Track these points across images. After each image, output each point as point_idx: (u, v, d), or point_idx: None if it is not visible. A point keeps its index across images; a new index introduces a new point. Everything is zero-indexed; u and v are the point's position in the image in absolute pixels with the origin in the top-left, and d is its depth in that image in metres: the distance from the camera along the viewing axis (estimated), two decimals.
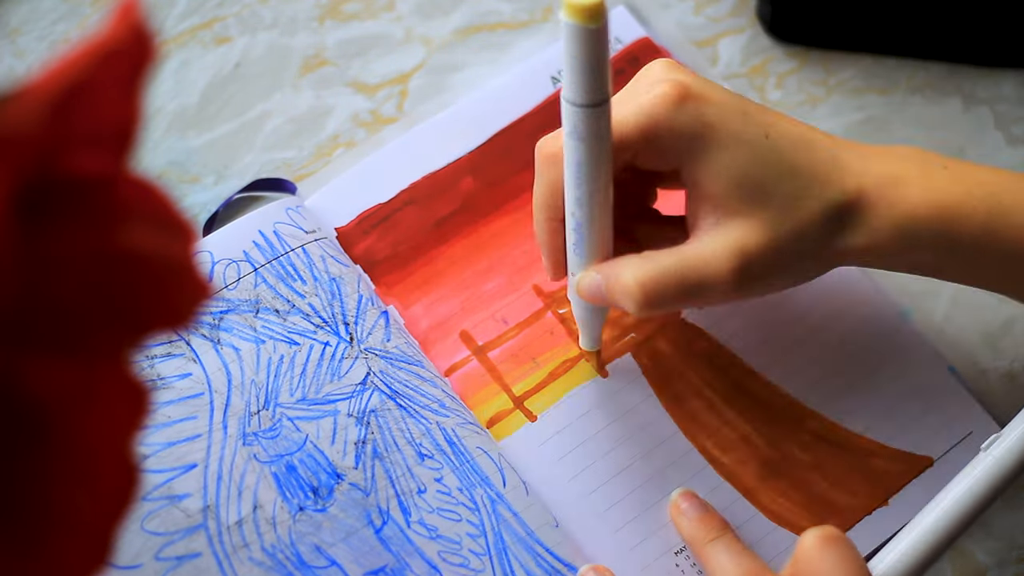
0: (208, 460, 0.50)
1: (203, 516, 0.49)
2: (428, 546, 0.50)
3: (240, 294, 0.53)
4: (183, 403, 0.51)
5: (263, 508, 0.49)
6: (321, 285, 0.54)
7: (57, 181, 0.27)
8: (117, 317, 0.29)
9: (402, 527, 0.50)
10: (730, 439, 0.53)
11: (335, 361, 0.53)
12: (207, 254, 0.54)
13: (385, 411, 0.52)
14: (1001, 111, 0.62)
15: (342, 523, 0.50)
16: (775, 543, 0.52)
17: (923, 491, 0.53)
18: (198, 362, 0.52)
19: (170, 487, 0.49)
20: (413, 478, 0.51)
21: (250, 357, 0.52)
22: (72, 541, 0.28)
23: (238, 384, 0.52)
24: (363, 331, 0.54)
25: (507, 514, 0.51)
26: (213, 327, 0.52)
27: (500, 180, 0.58)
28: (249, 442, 0.50)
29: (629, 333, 0.55)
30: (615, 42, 0.61)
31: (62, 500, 0.28)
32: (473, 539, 0.50)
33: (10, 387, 0.27)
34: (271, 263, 0.54)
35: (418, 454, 0.51)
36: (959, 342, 0.56)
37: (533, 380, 0.54)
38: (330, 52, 0.62)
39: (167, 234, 0.30)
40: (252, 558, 0.48)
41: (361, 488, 0.50)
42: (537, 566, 0.50)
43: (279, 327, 0.53)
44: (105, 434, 0.29)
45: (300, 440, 0.51)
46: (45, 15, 0.62)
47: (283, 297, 0.54)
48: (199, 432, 0.50)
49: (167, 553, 0.48)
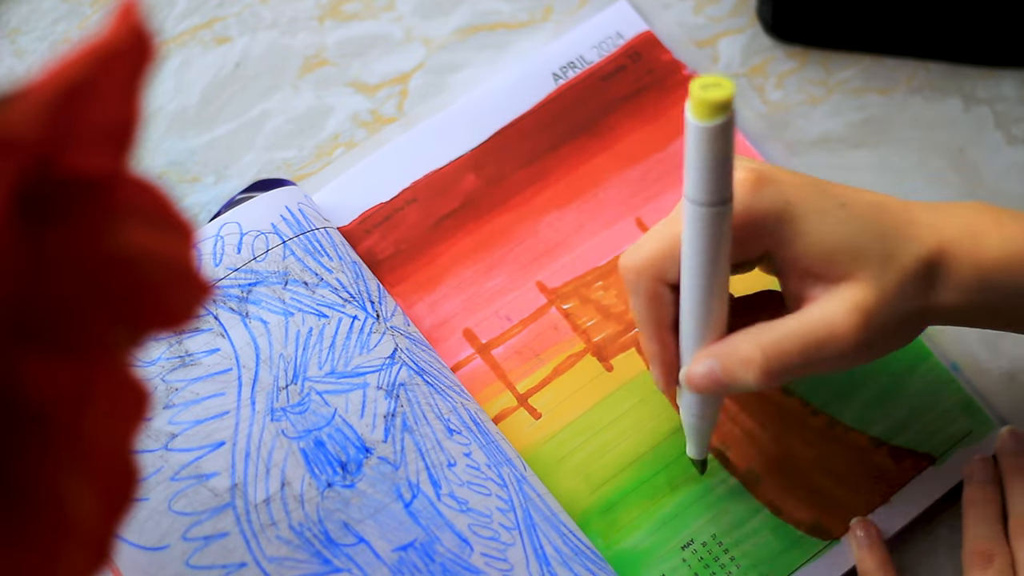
0: (236, 438, 0.49)
1: (231, 495, 0.48)
2: (458, 519, 0.49)
3: (269, 266, 0.52)
4: (211, 379, 0.50)
5: (291, 485, 0.49)
6: (346, 265, 0.54)
7: (57, 181, 0.27)
8: (117, 317, 0.29)
9: (432, 500, 0.49)
10: (733, 435, 0.53)
11: (364, 334, 0.52)
12: (235, 224, 0.53)
13: (414, 385, 0.51)
14: (1001, 111, 0.62)
15: (371, 499, 0.49)
16: (778, 539, 0.52)
17: (924, 489, 0.53)
18: (226, 336, 0.51)
19: (197, 466, 0.48)
20: (443, 451, 0.50)
21: (278, 330, 0.51)
22: (71, 540, 0.28)
23: (266, 358, 0.51)
24: (387, 311, 0.53)
25: (532, 494, 0.50)
26: (241, 300, 0.52)
27: (502, 177, 0.58)
28: (277, 418, 0.50)
29: (633, 328, 0.55)
30: (616, 37, 0.61)
31: (61, 500, 0.28)
32: (503, 513, 0.49)
33: (10, 386, 0.27)
34: (299, 237, 0.53)
35: (447, 429, 0.51)
36: (960, 341, 0.56)
37: (537, 377, 0.54)
38: (330, 52, 0.62)
39: (167, 234, 0.30)
40: (280, 537, 0.48)
41: (391, 462, 0.50)
42: (564, 544, 0.49)
43: (308, 299, 0.52)
44: (104, 433, 0.29)
45: (329, 414, 0.50)
46: (45, 15, 0.62)
47: (311, 270, 0.53)
48: (227, 409, 0.49)
49: (194, 533, 0.47)
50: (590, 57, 0.61)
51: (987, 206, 0.48)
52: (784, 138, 0.61)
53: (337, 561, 0.48)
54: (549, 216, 0.58)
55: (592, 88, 0.60)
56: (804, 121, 0.61)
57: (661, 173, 0.59)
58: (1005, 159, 0.61)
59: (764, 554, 0.52)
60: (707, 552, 0.52)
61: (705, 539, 0.52)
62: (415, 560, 0.48)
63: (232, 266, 0.52)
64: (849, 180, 0.48)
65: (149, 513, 0.47)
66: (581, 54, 0.61)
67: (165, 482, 0.48)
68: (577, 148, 0.59)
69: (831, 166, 0.60)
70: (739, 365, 0.45)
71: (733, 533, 0.52)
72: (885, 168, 0.60)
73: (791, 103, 0.62)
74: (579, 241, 0.57)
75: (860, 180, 0.60)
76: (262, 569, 0.47)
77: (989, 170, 0.60)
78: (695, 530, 0.52)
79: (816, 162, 0.60)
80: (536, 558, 0.49)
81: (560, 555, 0.49)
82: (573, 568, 0.49)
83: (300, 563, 0.47)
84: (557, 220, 0.58)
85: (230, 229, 0.53)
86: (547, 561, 0.49)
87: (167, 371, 0.50)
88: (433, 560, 0.48)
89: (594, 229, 0.58)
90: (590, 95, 0.60)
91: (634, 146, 0.59)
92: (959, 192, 0.60)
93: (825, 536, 0.52)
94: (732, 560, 0.52)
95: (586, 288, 0.56)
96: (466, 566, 0.48)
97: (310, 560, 0.47)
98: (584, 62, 0.61)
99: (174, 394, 0.49)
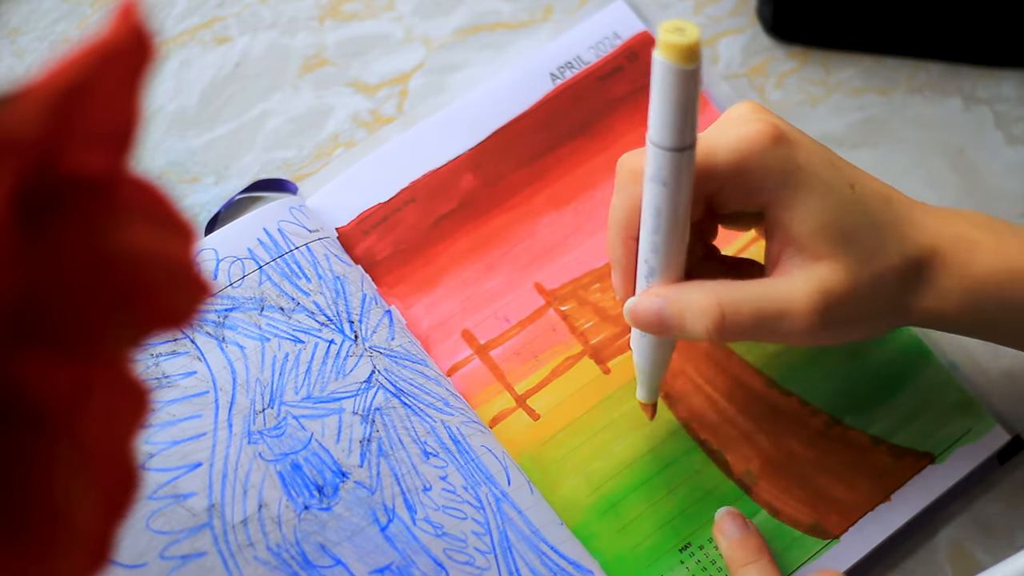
0: (213, 459, 0.50)
1: (208, 515, 0.49)
2: (434, 544, 0.50)
3: (245, 292, 0.53)
4: (188, 401, 0.51)
5: (268, 507, 0.49)
6: (326, 283, 0.54)
7: (57, 181, 0.27)
8: (117, 317, 0.29)
9: (408, 525, 0.50)
10: (732, 436, 0.53)
11: (340, 359, 0.53)
12: (211, 251, 0.54)
13: (390, 409, 0.52)
14: (1001, 111, 0.62)
15: (347, 522, 0.50)
16: (777, 539, 0.52)
17: (924, 487, 0.53)
18: (203, 360, 0.52)
19: (175, 486, 0.49)
20: (418, 476, 0.51)
21: (255, 355, 0.52)
22: (72, 541, 0.28)
23: (243, 382, 0.51)
24: (368, 329, 0.53)
25: (512, 512, 0.51)
26: (218, 325, 0.52)
27: (500, 177, 0.58)
28: (254, 440, 0.50)
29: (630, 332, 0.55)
30: (614, 37, 0.61)
31: (62, 500, 0.28)
32: (478, 537, 0.50)
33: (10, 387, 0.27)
34: (275, 261, 0.54)
35: (423, 452, 0.51)
36: (960, 340, 0.56)
37: (536, 378, 0.54)
38: (330, 52, 0.62)
39: (167, 234, 0.30)
40: (257, 557, 0.48)
41: (366, 486, 0.50)
42: (542, 564, 0.50)
43: (284, 325, 0.53)
44: (105, 434, 0.29)
45: (305, 438, 0.51)
46: (45, 15, 0.62)
47: (288, 295, 0.53)
48: (204, 431, 0.50)
49: (172, 552, 0.48)
50: (587, 58, 0.61)
51: (992, 219, 0.48)
52: None
53: None
54: (547, 217, 0.58)
55: (590, 88, 0.60)
56: (804, 121, 0.61)
57: None
58: (1005, 159, 0.61)
59: None
60: (704, 555, 0.52)
61: (703, 542, 0.52)
62: None
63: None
64: None
65: (127, 531, 0.47)
66: (578, 54, 0.61)
67: (143, 500, 0.48)
68: (575, 149, 0.59)
69: None
70: (693, 313, 0.45)
71: None
72: (885, 168, 0.60)
73: (791, 103, 0.62)
74: (577, 242, 0.57)
75: None
76: None
77: (989, 170, 0.60)
78: (693, 532, 0.52)
79: None
80: None
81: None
82: None
83: None
84: (555, 221, 0.58)
85: (207, 256, 0.54)
86: None
87: None
88: None
89: (591, 230, 0.58)
90: (588, 95, 0.60)
91: (632, 147, 0.59)
92: (959, 192, 0.60)
93: (824, 536, 0.52)
94: None
95: (584, 290, 0.56)
96: None
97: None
98: (581, 62, 0.61)
99: (151, 414, 0.50)
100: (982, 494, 0.54)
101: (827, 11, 0.62)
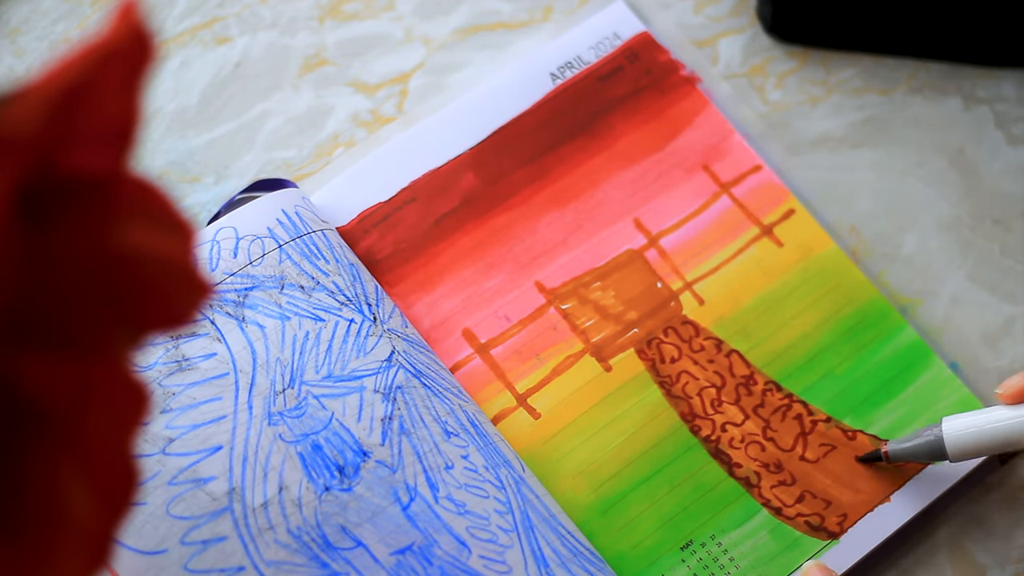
0: (233, 442, 0.49)
1: (228, 499, 0.48)
2: (456, 522, 0.49)
3: (265, 270, 0.52)
4: (208, 384, 0.50)
5: (289, 489, 0.48)
6: (343, 267, 0.54)
7: (57, 181, 0.27)
8: (117, 316, 0.29)
9: (430, 503, 0.49)
10: (733, 436, 0.54)
11: (360, 338, 0.52)
12: (231, 229, 0.53)
13: (411, 388, 0.51)
14: (1001, 111, 0.62)
15: (368, 502, 0.49)
16: (777, 539, 0.52)
17: (924, 487, 0.53)
18: (223, 341, 0.51)
19: (195, 470, 0.48)
20: (440, 454, 0.50)
21: (275, 334, 0.51)
22: (71, 540, 0.28)
23: (263, 363, 0.51)
24: (384, 313, 0.53)
25: (531, 495, 0.50)
26: (238, 304, 0.51)
27: (501, 176, 0.58)
28: (274, 422, 0.50)
29: (632, 329, 0.55)
30: (614, 38, 0.61)
31: (61, 500, 0.28)
32: (501, 515, 0.49)
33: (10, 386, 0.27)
34: (295, 241, 0.53)
35: (444, 431, 0.51)
36: (959, 341, 0.56)
37: (536, 377, 0.54)
38: (330, 52, 0.62)
39: (167, 233, 0.30)
40: (278, 541, 0.47)
41: (388, 465, 0.50)
42: (563, 545, 0.49)
43: (304, 303, 0.52)
44: (104, 433, 0.29)
45: (326, 418, 0.50)
46: (45, 15, 0.62)
47: (308, 274, 0.53)
48: (224, 413, 0.49)
49: (192, 537, 0.47)
50: (587, 58, 0.61)
51: None
52: (784, 138, 0.61)
53: (335, 565, 0.48)
54: (548, 216, 0.58)
55: (590, 88, 0.60)
56: (804, 121, 0.61)
57: (659, 173, 0.59)
58: (1005, 159, 0.61)
59: (763, 554, 0.52)
60: (706, 553, 0.52)
61: (704, 540, 0.52)
62: (413, 563, 0.48)
63: (228, 271, 0.52)
64: (849, 180, 0.49)
65: (147, 517, 0.47)
66: (578, 54, 0.61)
67: (163, 486, 0.48)
68: (575, 148, 0.59)
69: (831, 166, 0.60)
70: None
71: (732, 533, 0.52)
72: (885, 168, 0.60)
73: (791, 103, 0.62)
74: (577, 241, 0.57)
75: (860, 180, 0.60)
76: (260, 572, 0.47)
77: (989, 170, 0.60)
78: (694, 530, 0.52)
79: (816, 162, 0.60)
80: (535, 560, 0.49)
81: (559, 556, 0.49)
82: (571, 569, 0.49)
83: (298, 567, 0.47)
84: (556, 220, 0.58)
85: (226, 234, 0.53)
86: (545, 563, 0.49)
87: (164, 375, 0.50)
88: (431, 563, 0.48)
89: (592, 229, 0.58)
90: (588, 95, 0.60)
91: (632, 146, 0.59)
92: (959, 192, 0.60)
93: (824, 536, 0.52)
94: (731, 561, 0.52)
95: (584, 288, 0.56)
96: (464, 569, 0.48)
97: (308, 564, 0.47)
98: (581, 62, 0.61)
99: (171, 398, 0.49)
100: (982, 494, 0.54)
101: (827, 11, 0.62)
